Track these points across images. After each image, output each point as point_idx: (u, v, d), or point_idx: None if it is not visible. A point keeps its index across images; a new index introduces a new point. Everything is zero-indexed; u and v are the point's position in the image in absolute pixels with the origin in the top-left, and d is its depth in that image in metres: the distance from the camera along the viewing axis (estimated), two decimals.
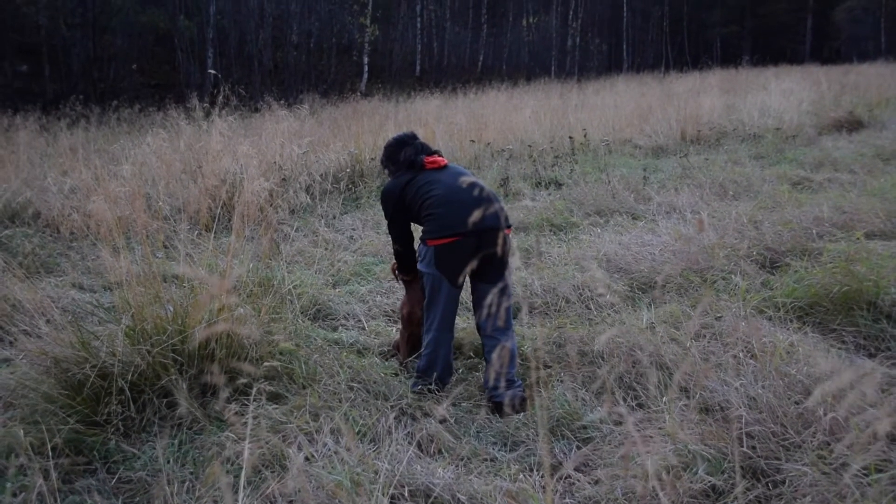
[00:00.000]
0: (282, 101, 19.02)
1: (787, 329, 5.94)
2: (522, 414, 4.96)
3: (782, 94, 22.42)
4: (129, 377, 4.57)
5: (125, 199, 5.88)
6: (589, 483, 4.08)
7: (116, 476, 4.21)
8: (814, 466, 3.91)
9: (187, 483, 3.98)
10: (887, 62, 47.71)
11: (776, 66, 50.75)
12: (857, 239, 7.55)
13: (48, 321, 5.13)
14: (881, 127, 18.99)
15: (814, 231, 8.47)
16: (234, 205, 6.24)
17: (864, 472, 3.73)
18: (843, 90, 25.13)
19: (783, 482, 3.94)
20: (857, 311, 6.13)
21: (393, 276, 6.28)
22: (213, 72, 18.33)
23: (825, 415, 4.19)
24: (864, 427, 3.84)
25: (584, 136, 16.06)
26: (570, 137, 15.59)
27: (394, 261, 6.08)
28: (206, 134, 10.60)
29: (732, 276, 7.33)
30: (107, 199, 5.55)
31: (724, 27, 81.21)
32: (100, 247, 5.75)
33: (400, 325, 6.06)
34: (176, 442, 4.40)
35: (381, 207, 5.86)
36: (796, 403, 4.59)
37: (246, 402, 4.45)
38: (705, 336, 5.90)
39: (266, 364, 4.80)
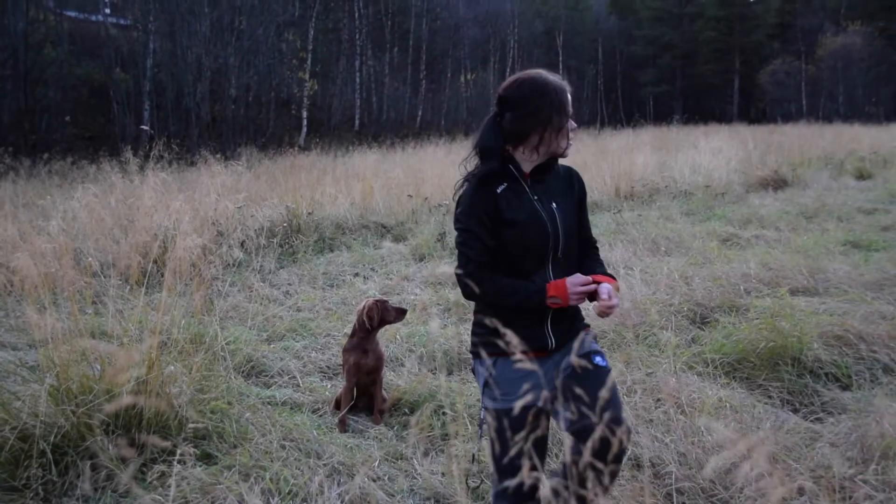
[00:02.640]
0: (219, 155, 18.99)
1: (716, 384, 5.99)
2: (446, 462, 4.89)
3: (712, 152, 22.76)
4: (52, 439, 4.42)
5: (52, 254, 5.75)
6: None
7: None
8: None
9: None
10: (808, 123, 48.98)
11: (706, 124, 51.77)
12: (782, 295, 7.63)
13: None
14: (804, 186, 19.46)
15: (741, 287, 8.56)
16: (165, 260, 6.11)
17: None
18: (768, 149, 25.58)
19: None
20: (782, 367, 6.26)
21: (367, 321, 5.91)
22: (145, 128, 18.16)
23: (752, 470, 4.17)
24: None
25: None
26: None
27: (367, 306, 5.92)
28: (139, 188, 10.47)
29: (664, 332, 7.34)
30: (32, 254, 5.43)
31: (657, 86, 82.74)
32: (25, 304, 5.61)
33: (344, 377, 5.96)
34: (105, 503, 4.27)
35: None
36: (722, 458, 4.56)
37: (171, 463, 4.32)
38: (637, 391, 5.88)
39: (191, 425, 4.68)
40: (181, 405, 4.98)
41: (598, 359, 3.56)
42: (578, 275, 3.54)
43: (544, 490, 2.88)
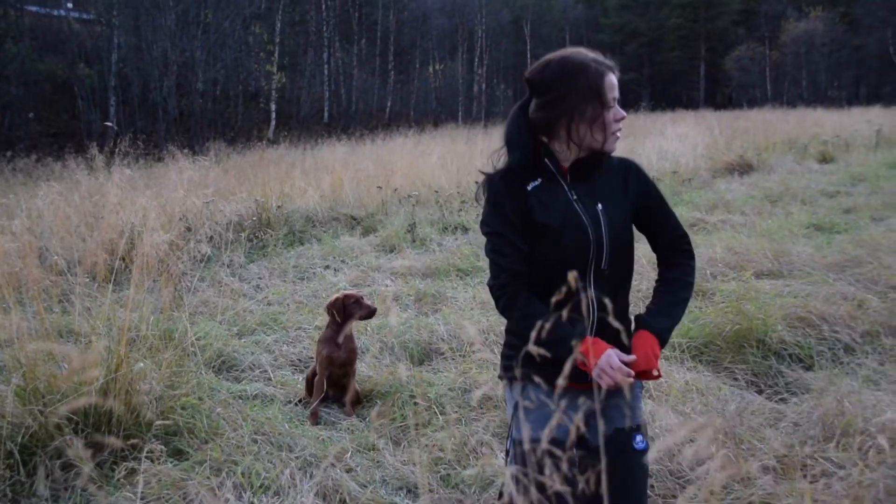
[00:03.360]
0: (186, 150, 18.89)
1: (683, 368, 6.05)
2: (421, 458, 4.89)
3: (679, 138, 22.87)
4: (19, 439, 4.38)
5: (16, 253, 5.70)
6: None
7: None
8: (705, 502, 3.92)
9: None
10: (773, 108, 49.22)
11: (673, 111, 52.02)
12: (748, 279, 7.70)
13: None
14: (769, 170, 19.60)
15: (708, 272, 8.61)
16: (133, 257, 6.08)
17: None
18: (734, 135, 25.72)
19: None
20: (747, 349, 6.36)
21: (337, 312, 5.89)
22: (110, 124, 18.08)
23: (718, 451, 4.23)
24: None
25: None
26: (477, 182, 15.62)
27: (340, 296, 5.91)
28: (105, 185, 10.41)
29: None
30: None
31: (624, 74, 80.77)
32: None
33: (316, 369, 5.94)
34: (74, 502, 4.24)
35: None
36: (690, 441, 4.58)
37: (140, 460, 4.29)
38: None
39: (159, 422, 4.66)
40: (150, 402, 4.96)
41: (638, 440, 2.94)
42: (618, 357, 2.77)
43: None
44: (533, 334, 2.19)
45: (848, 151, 23.87)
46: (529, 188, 2.98)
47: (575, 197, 2.96)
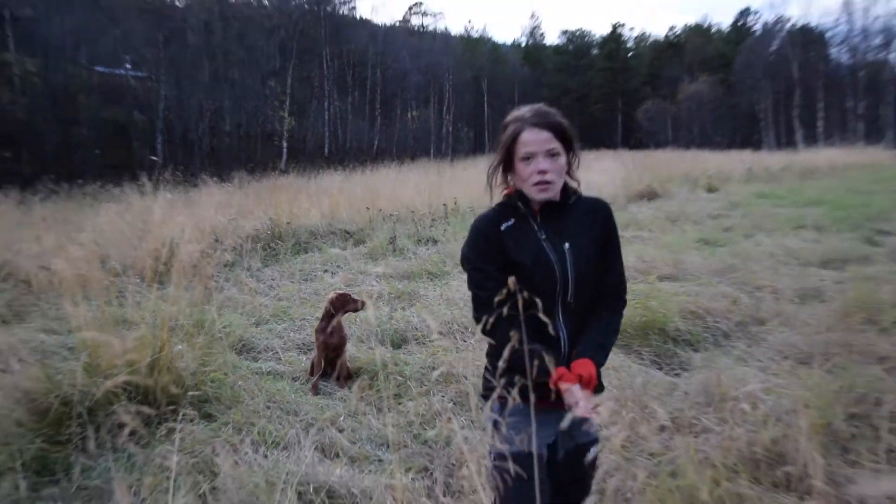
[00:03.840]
0: (216, 179, 18.81)
1: None
2: (398, 421, 4.91)
3: (602, 172, 22.88)
4: (87, 404, 4.41)
5: (83, 259, 5.70)
6: (453, 480, 4.05)
7: (76, 485, 4.05)
8: (619, 454, 3.98)
9: (134, 488, 3.82)
10: (673, 149, 49.59)
11: (597, 150, 52.00)
12: (652, 281, 7.72)
13: (20, 360, 4.94)
14: (670, 197, 19.81)
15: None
16: (173, 263, 6.08)
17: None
18: (644, 169, 25.81)
19: (601, 467, 3.96)
20: (651, 336, 6.44)
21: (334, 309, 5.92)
22: (155, 158, 18.01)
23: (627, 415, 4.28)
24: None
25: (455, 203, 16.11)
26: (444, 204, 15.62)
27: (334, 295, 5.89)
28: (152, 206, 10.36)
29: None
30: (67, 260, 5.39)
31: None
32: (63, 299, 5.56)
33: (316, 351, 5.96)
34: (125, 455, 4.24)
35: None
36: (609, 411, 4.63)
37: (176, 421, 4.29)
38: None
39: (192, 393, 4.66)
40: (186, 376, 4.97)
41: (592, 451, 2.72)
42: (580, 394, 2.52)
43: None
44: (505, 353, 2.18)
45: (727, 184, 24.16)
46: (503, 228, 2.71)
47: (544, 236, 2.69)
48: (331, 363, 5.84)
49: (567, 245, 2.66)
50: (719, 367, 5.35)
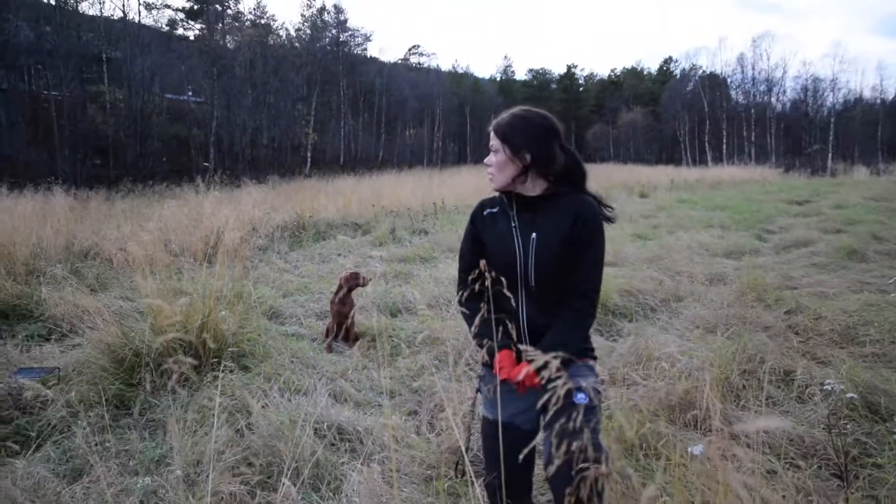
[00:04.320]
0: (254, 181, 18.78)
1: None
2: (393, 375, 4.91)
3: None
4: (153, 355, 4.42)
5: (151, 243, 5.68)
6: (435, 420, 4.06)
7: (145, 418, 4.08)
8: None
9: (189, 422, 3.81)
10: (615, 164, 49.76)
11: None
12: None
13: (104, 320, 4.94)
14: (612, 200, 19.00)
15: None
16: (218, 246, 6.05)
17: None
18: (591, 179, 25.57)
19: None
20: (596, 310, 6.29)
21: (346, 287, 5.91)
22: (207, 164, 17.94)
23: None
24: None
25: (443, 202, 16.09)
26: (434, 203, 15.60)
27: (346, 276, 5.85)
28: (203, 202, 10.32)
29: None
30: (139, 243, 5.37)
31: None
32: (135, 273, 5.55)
33: (330, 318, 5.95)
34: (180, 396, 4.24)
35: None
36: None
37: (218, 373, 4.29)
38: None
39: (232, 349, 4.65)
40: (228, 336, 4.95)
41: (579, 396, 2.23)
42: (509, 361, 2.29)
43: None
44: (476, 320, 2.14)
45: (655, 191, 24.12)
46: (485, 213, 2.49)
47: (514, 224, 2.38)
48: (342, 327, 5.83)
49: (534, 235, 2.33)
50: (646, 335, 5.35)
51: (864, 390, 3.79)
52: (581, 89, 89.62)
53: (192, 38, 46.13)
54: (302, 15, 56.83)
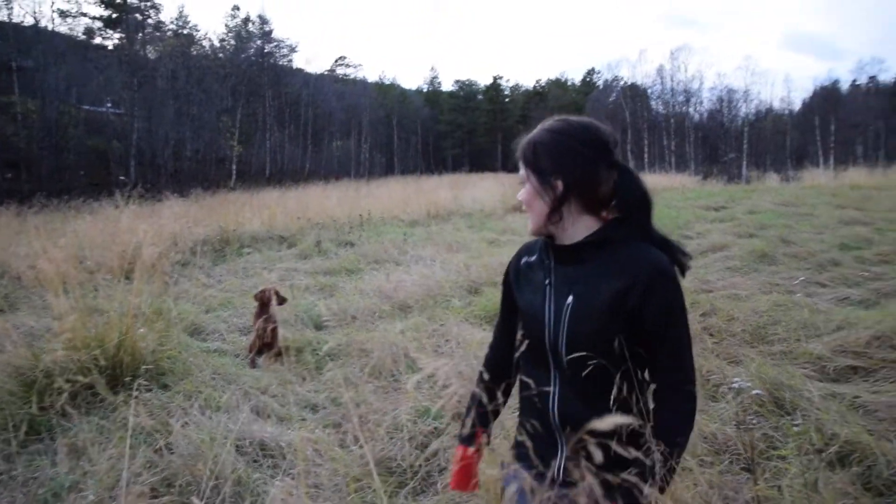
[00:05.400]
0: (177, 195, 18.36)
1: (480, 329, 6.10)
2: (318, 388, 4.87)
3: (485, 189, 23.20)
4: (66, 377, 4.25)
5: (63, 259, 5.47)
6: (362, 432, 4.04)
7: (56, 442, 3.91)
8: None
9: (104, 444, 3.70)
10: None
11: (482, 173, 52.56)
12: None
13: (12, 342, 4.73)
14: None
15: (498, 270, 8.68)
16: (136, 262, 5.89)
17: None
18: (516, 188, 26.01)
19: None
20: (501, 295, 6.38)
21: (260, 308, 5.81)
22: (123, 178, 17.47)
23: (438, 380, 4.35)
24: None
25: (369, 214, 16.07)
26: (360, 215, 15.56)
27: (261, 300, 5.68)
28: (120, 217, 10.02)
29: (453, 299, 7.46)
30: (50, 260, 5.17)
31: (453, 150, 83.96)
32: (46, 291, 5.36)
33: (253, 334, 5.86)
34: (95, 418, 4.11)
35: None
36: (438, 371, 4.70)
37: (139, 390, 4.18)
38: (434, 335, 5.96)
39: (143, 367, 4.52)
40: (147, 354, 4.82)
41: None
42: (464, 465, 1.89)
43: None
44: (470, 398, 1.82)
45: None
46: (522, 262, 1.89)
47: (547, 281, 1.73)
48: (265, 342, 5.75)
49: (570, 299, 1.66)
50: None
51: (770, 387, 3.96)
52: (507, 100, 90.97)
53: (110, 47, 44.81)
54: (226, 25, 55.94)
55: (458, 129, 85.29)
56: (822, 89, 59.23)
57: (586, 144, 1.71)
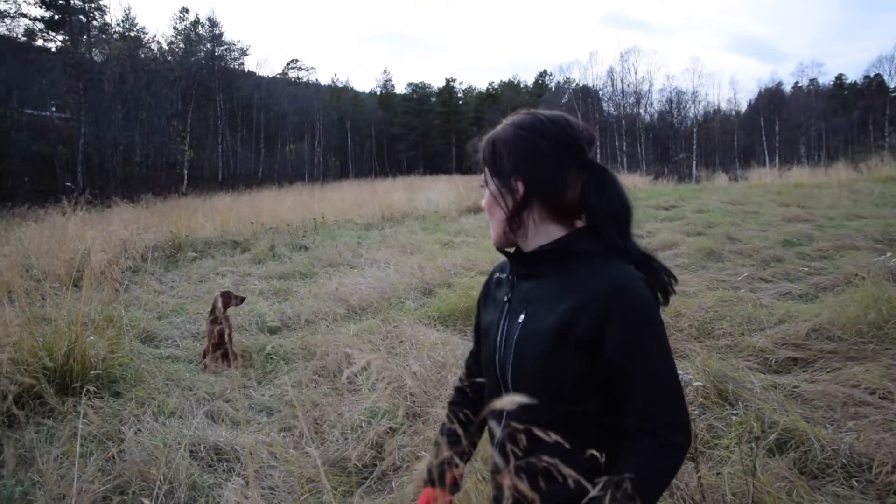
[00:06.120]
0: (126, 201, 18.08)
1: (435, 330, 6.16)
2: (273, 392, 4.88)
3: (439, 192, 23.21)
4: (14, 388, 4.18)
5: (7, 268, 5.37)
6: (318, 434, 4.07)
7: (3, 454, 3.83)
8: (443, 409, 4.06)
9: (54, 453, 3.66)
10: None
11: (436, 175, 52.59)
12: (473, 276, 7.91)
13: None
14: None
15: (452, 272, 8.80)
16: (84, 269, 5.81)
17: None
18: (470, 190, 26.29)
19: (429, 420, 4.07)
20: (471, 317, 6.42)
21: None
22: (69, 184, 17.08)
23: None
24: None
25: (323, 217, 16.03)
26: (314, 219, 15.52)
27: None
28: (67, 224, 9.84)
29: (407, 300, 7.50)
30: None
31: (408, 152, 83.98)
32: None
33: (207, 340, 5.81)
34: (45, 428, 4.05)
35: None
36: (437, 373, 4.76)
37: (89, 397, 4.14)
38: (388, 337, 6.00)
39: (101, 374, 4.48)
40: (98, 362, 4.77)
41: None
42: None
43: None
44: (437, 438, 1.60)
45: None
46: (493, 279, 1.66)
47: (506, 297, 1.51)
48: (219, 347, 5.72)
49: (522, 318, 1.42)
50: None
51: (715, 379, 4.10)
52: (460, 102, 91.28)
53: (53, 49, 43.73)
54: (174, 28, 54.95)
55: (412, 131, 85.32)
56: (767, 91, 60.83)
57: (554, 141, 1.46)
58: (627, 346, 1.30)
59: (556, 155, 1.44)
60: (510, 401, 0.94)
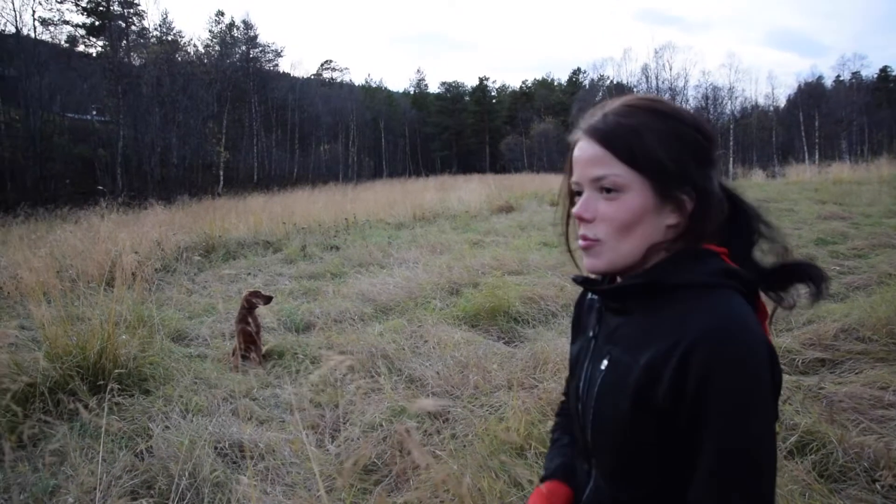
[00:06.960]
0: (163, 202, 18.43)
1: (460, 329, 6.17)
2: (298, 391, 4.94)
3: (471, 191, 23.17)
4: (48, 384, 4.33)
5: (43, 269, 5.53)
6: (341, 429, 4.12)
7: (39, 448, 3.96)
8: (465, 408, 4.10)
9: (87, 450, 3.77)
10: (528, 173, 50.52)
11: (469, 174, 52.55)
12: (501, 276, 7.90)
13: None
14: (523, 210, 19.92)
15: (479, 271, 8.79)
16: (116, 269, 5.95)
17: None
18: (503, 189, 26.24)
19: (450, 419, 4.09)
20: (499, 317, 6.50)
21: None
22: (101, 187, 17.46)
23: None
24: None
25: (355, 217, 16.14)
26: (346, 219, 15.64)
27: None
28: (100, 225, 10.05)
29: (433, 300, 7.53)
30: (30, 270, 5.23)
31: (441, 152, 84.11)
32: (28, 300, 5.41)
33: (235, 339, 5.90)
34: (78, 424, 4.16)
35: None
36: (460, 372, 4.79)
37: (122, 395, 4.25)
38: (413, 336, 6.04)
39: (117, 371, 4.57)
40: (129, 360, 4.89)
41: None
42: None
43: None
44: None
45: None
46: (587, 299, 1.36)
47: (591, 334, 1.24)
48: (248, 347, 5.81)
49: (606, 362, 1.14)
50: (545, 339, 5.55)
51: None
52: (494, 101, 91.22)
53: (94, 55, 44.72)
54: (210, 31, 55.93)
55: (445, 130, 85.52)
56: (806, 85, 59.70)
57: (709, 140, 1.13)
58: (701, 408, 0.98)
59: (709, 159, 1.13)
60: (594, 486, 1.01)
